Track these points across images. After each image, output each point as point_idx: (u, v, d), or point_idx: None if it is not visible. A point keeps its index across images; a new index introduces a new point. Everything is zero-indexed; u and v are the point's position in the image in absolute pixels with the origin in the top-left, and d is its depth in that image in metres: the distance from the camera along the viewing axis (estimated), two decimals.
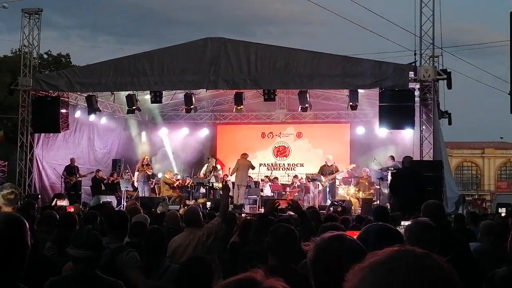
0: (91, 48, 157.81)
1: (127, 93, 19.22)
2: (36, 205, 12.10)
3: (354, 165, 21.09)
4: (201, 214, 6.98)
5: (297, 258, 4.20)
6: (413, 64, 16.93)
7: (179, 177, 22.32)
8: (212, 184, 20.80)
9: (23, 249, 2.54)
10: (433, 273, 1.31)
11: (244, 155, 20.49)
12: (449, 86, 17.11)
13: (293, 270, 4.21)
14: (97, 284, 4.03)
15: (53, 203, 13.77)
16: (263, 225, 5.83)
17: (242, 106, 20.04)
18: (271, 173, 23.57)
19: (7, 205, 6.14)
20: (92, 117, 20.72)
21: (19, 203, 6.93)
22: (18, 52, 31.81)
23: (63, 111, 19.23)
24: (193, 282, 4.10)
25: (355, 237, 2.85)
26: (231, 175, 20.85)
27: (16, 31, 20.42)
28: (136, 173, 21.09)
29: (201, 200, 19.13)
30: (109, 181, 20.91)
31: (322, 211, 12.73)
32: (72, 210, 12.42)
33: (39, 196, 17.86)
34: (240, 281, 1.45)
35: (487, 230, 7.22)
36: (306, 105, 19.26)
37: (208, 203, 17.95)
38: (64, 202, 13.86)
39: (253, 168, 20.68)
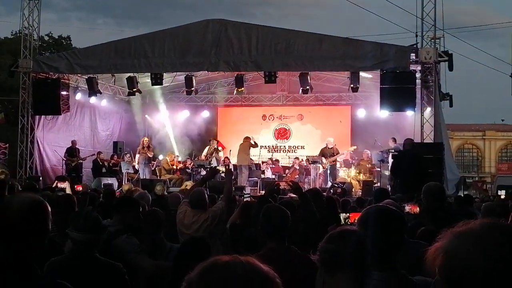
0: (90, 30, 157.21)
1: (127, 75, 19.19)
2: (37, 187, 12.14)
3: (355, 147, 21.08)
4: (207, 198, 6.98)
5: (297, 239, 4.22)
6: (415, 46, 16.88)
7: (180, 159, 22.35)
8: (214, 166, 20.80)
9: (44, 234, 2.56)
10: None
11: (245, 139, 20.40)
12: (451, 68, 17.05)
13: (294, 252, 4.23)
14: (96, 266, 4.08)
15: (54, 185, 13.81)
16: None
17: (243, 88, 20.02)
18: (272, 155, 23.58)
19: None
20: (93, 99, 20.71)
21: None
22: (18, 34, 31.70)
23: (64, 93, 19.19)
24: (191, 261, 4.12)
25: (356, 218, 2.88)
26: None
27: (16, 12, 20.33)
28: (137, 156, 21.12)
29: (188, 183, 18.51)
30: (110, 164, 20.93)
31: (323, 193, 12.76)
32: (80, 188, 12.53)
33: (40, 178, 17.90)
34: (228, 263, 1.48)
35: (489, 212, 7.25)
36: (307, 87, 19.22)
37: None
38: (65, 185, 13.91)
39: (254, 146, 20.50)
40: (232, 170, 17.79)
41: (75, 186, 12.69)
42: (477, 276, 1.38)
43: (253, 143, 20.23)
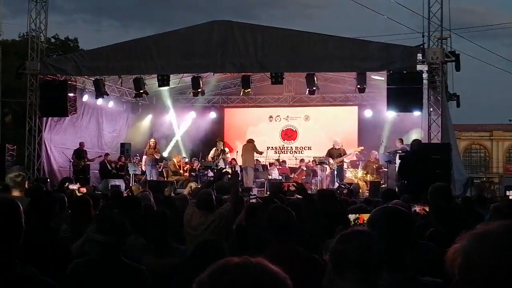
0: (96, 32, 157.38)
1: (134, 76, 19.23)
2: (45, 188, 12.18)
3: (362, 148, 21.05)
4: (214, 199, 7.00)
5: (302, 240, 4.20)
6: (421, 46, 16.84)
7: (187, 160, 22.37)
8: (221, 168, 20.81)
9: (17, 232, 2.56)
10: None
11: (249, 141, 20.51)
12: (458, 68, 16.99)
13: (300, 252, 4.22)
14: (121, 269, 4.06)
15: (65, 187, 13.86)
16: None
17: (249, 90, 20.02)
18: (279, 156, 23.56)
19: (15, 187, 6.18)
20: (100, 101, 20.77)
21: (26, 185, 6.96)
22: (25, 36, 31.78)
23: (71, 95, 19.22)
24: (205, 263, 4.11)
25: (365, 219, 2.87)
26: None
27: (23, 15, 20.34)
28: (144, 157, 21.16)
29: (192, 184, 18.58)
30: (117, 165, 20.96)
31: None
32: (85, 191, 12.57)
33: (48, 180, 17.94)
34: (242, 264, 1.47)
35: (497, 212, 7.22)
36: (314, 88, 19.22)
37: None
38: (75, 186, 14.00)
39: (258, 152, 20.56)
40: (238, 171, 17.83)
41: (79, 189, 12.76)
42: (496, 278, 1.38)
43: (259, 151, 20.35)
